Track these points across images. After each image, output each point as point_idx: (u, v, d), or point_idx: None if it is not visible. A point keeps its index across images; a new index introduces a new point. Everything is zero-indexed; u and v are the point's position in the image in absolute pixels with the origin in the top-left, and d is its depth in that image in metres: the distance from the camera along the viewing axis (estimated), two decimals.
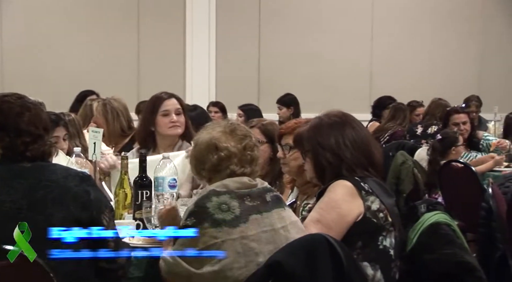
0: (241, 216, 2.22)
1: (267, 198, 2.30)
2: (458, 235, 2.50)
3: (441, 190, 4.76)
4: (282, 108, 7.06)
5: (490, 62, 8.55)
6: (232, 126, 2.35)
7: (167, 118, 3.36)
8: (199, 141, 2.35)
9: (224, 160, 2.29)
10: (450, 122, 5.44)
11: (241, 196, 2.25)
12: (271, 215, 2.27)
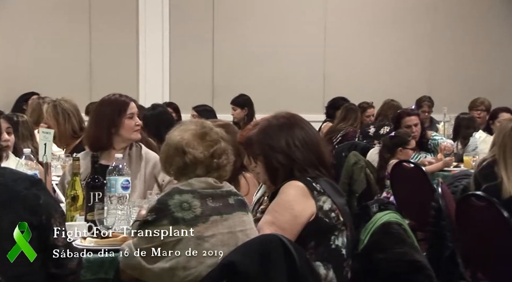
0: (201, 216, 2.23)
1: (230, 201, 2.31)
2: (409, 234, 2.54)
3: (393, 189, 4.82)
4: (236, 109, 7.06)
5: (439, 64, 8.72)
6: (204, 130, 2.34)
7: (132, 121, 3.34)
8: (169, 141, 2.35)
9: (189, 166, 2.30)
10: (402, 124, 5.50)
11: (204, 196, 2.26)
12: (232, 217, 2.28)
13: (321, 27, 8.59)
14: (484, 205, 3.15)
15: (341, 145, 6.08)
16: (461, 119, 6.21)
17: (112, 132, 3.33)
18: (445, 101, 6.80)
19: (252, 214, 2.76)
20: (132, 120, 3.33)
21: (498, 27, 8.74)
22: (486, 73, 8.71)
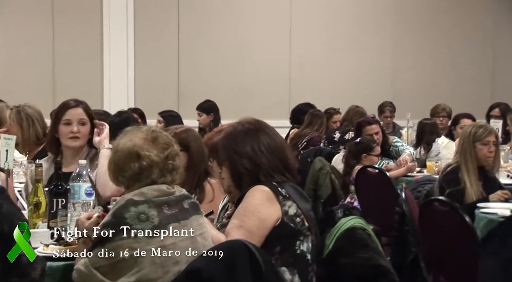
0: (160, 225, 2.20)
1: (185, 205, 2.28)
2: (373, 239, 2.56)
3: (357, 195, 4.87)
4: (202, 114, 7.04)
5: (402, 70, 8.83)
6: (154, 134, 2.31)
7: (67, 128, 3.26)
8: (119, 148, 2.30)
9: (145, 169, 2.26)
10: (363, 133, 5.56)
11: (159, 204, 2.22)
12: (189, 222, 2.26)
13: (287, 33, 8.63)
14: (447, 210, 3.20)
15: (306, 151, 6.11)
16: (424, 124, 6.29)
17: (56, 137, 3.28)
18: (408, 107, 6.89)
19: (218, 221, 2.77)
20: (68, 127, 3.25)
21: (459, 35, 8.89)
22: (447, 79, 8.85)
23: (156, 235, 2.18)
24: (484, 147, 4.04)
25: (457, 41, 8.89)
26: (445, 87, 8.72)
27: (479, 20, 8.89)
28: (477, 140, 4.03)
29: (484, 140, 4.04)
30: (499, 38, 8.95)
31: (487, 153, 4.04)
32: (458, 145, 4.13)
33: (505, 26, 8.93)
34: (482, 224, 3.41)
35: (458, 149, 4.10)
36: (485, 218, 3.45)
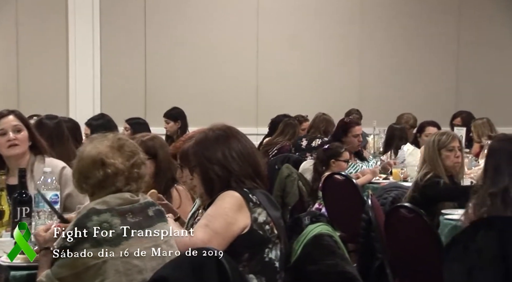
0: (123, 233, 2.18)
1: (150, 213, 2.27)
2: (340, 246, 2.58)
3: (324, 202, 4.88)
4: (169, 122, 7.00)
5: (369, 78, 8.92)
6: (120, 142, 2.30)
7: (4, 138, 3.20)
8: (84, 155, 2.27)
9: (110, 177, 2.24)
10: (349, 133, 5.61)
11: (122, 213, 2.20)
12: (154, 230, 2.24)
13: (254, 41, 8.65)
14: (412, 217, 3.23)
15: (274, 158, 6.12)
16: (393, 129, 6.35)
17: None
18: (374, 115, 6.96)
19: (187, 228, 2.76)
20: (4, 137, 3.19)
21: (424, 45, 9.01)
22: (413, 87, 8.96)
23: (120, 243, 2.16)
24: (450, 153, 4.09)
25: (422, 51, 9.01)
26: (411, 95, 8.83)
27: (444, 31, 9.03)
28: (442, 147, 4.08)
29: (449, 146, 4.10)
30: (462, 48, 9.10)
31: (454, 159, 4.10)
32: (425, 155, 4.18)
33: (468, 38, 9.08)
34: (447, 230, 3.45)
35: (426, 159, 4.14)
36: (449, 224, 3.49)
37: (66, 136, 4.03)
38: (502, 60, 9.12)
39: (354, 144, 5.67)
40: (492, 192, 2.87)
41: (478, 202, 2.91)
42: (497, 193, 2.86)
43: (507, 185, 2.86)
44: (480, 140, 6.39)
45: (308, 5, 8.84)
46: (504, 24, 9.10)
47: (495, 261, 2.50)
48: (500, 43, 9.09)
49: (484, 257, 2.53)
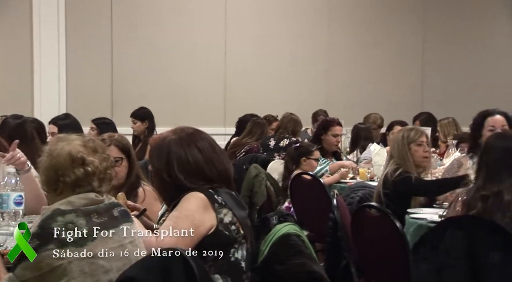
0: (89, 234, 2.16)
1: (115, 213, 2.26)
2: (307, 245, 2.58)
3: (292, 201, 4.90)
4: (136, 122, 6.95)
5: (336, 78, 8.98)
6: (92, 143, 2.29)
7: None
8: (57, 153, 2.24)
9: (89, 176, 2.23)
10: (330, 132, 5.72)
11: (87, 213, 2.19)
12: (119, 230, 2.23)
13: (222, 41, 8.64)
14: (378, 216, 3.26)
15: (242, 158, 6.11)
16: (359, 129, 6.40)
17: None
18: (342, 115, 6.99)
19: None
20: None
21: (391, 46, 9.11)
22: (380, 88, 9.05)
23: (85, 244, 2.14)
24: (419, 148, 4.13)
25: (388, 51, 9.10)
26: (378, 95, 8.91)
27: (409, 31, 9.14)
28: (411, 142, 4.12)
29: (418, 141, 4.14)
30: (427, 48, 9.21)
31: (423, 153, 4.14)
32: (393, 151, 4.20)
33: (433, 38, 9.20)
34: (412, 229, 3.48)
35: (394, 155, 4.16)
36: (415, 223, 3.52)
37: (31, 136, 3.98)
38: (467, 59, 9.26)
39: (332, 143, 5.76)
40: (484, 195, 2.86)
41: (468, 202, 2.91)
42: (490, 196, 2.85)
43: (501, 189, 2.84)
44: (446, 139, 6.47)
45: (275, 5, 8.87)
46: (469, 23, 9.23)
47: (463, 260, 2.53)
48: (465, 42, 9.23)
49: (452, 257, 2.56)
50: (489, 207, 2.83)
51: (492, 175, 2.88)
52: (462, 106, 8.54)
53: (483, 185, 2.89)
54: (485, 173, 2.90)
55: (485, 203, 2.85)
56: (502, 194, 2.82)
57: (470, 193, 2.93)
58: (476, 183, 2.93)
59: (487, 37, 9.29)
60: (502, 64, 9.38)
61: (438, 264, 2.58)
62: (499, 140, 2.99)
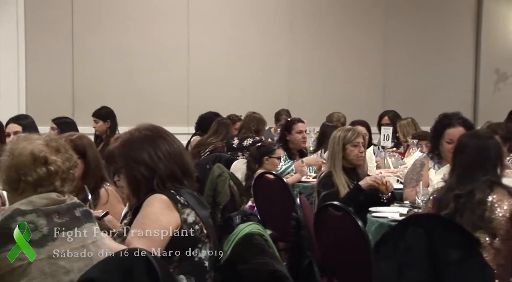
0: (49, 234, 2.14)
1: (77, 214, 2.24)
2: (270, 245, 2.60)
3: (255, 201, 4.91)
4: (98, 121, 6.87)
5: (298, 78, 9.02)
6: (54, 143, 2.27)
7: None
8: (19, 152, 2.21)
9: (52, 175, 2.20)
10: (294, 130, 5.81)
11: (48, 213, 2.17)
12: (81, 231, 2.22)
13: (185, 40, 8.61)
14: (340, 215, 3.28)
15: (205, 158, 6.10)
16: (326, 127, 6.45)
17: None
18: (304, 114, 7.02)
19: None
20: None
21: (352, 46, 9.18)
22: (342, 88, 9.11)
23: (46, 244, 2.12)
24: (355, 148, 4.23)
25: (350, 51, 9.18)
26: (340, 95, 8.98)
27: (371, 33, 9.23)
28: (347, 142, 4.22)
29: (354, 142, 4.24)
30: (389, 49, 9.32)
31: (358, 153, 4.24)
32: (329, 150, 4.29)
33: (394, 40, 9.32)
34: (373, 228, 3.52)
35: (330, 154, 4.25)
36: (376, 222, 3.56)
37: None
38: (426, 61, 9.40)
39: (298, 140, 5.84)
40: (458, 194, 2.91)
41: (440, 201, 2.95)
42: (463, 195, 2.90)
43: (474, 188, 2.88)
44: (406, 139, 6.56)
45: (238, 6, 8.87)
46: (429, 26, 9.37)
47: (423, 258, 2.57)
48: (425, 44, 9.36)
49: (413, 255, 2.59)
50: (460, 206, 2.87)
51: (466, 174, 2.93)
52: (422, 107, 8.68)
53: (457, 184, 2.93)
54: (459, 172, 2.95)
55: (457, 202, 2.89)
56: (474, 193, 2.88)
57: (442, 192, 2.98)
58: (448, 182, 2.98)
59: (446, 39, 9.44)
60: (459, 66, 9.56)
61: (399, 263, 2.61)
62: (473, 139, 3.04)
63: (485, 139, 3.02)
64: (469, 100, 9.59)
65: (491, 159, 2.95)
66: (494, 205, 2.86)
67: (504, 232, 2.86)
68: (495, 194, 2.87)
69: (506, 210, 2.86)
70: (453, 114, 4.21)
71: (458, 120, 4.13)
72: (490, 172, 2.92)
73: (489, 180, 2.91)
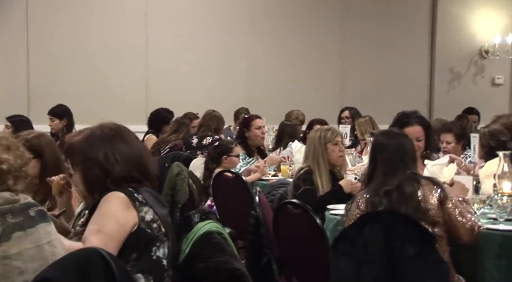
0: (3, 234, 2.10)
1: (31, 213, 2.20)
2: (229, 243, 2.60)
3: (215, 199, 4.90)
4: (54, 119, 6.78)
5: (258, 76, 9.03)
6: (6, 141, 2.23)
7: None
8: None
9: (4, 174, 2.16)
10: (252, 127, 5.82)
11: (2, 213, 2.12)
12: (36, 231, 2.18)
13: (143, 38, 8.54)
14: (299, 213, 3.30)
15: (164, 156, 6.06)
16: (285, 125, 6.47)
17: None
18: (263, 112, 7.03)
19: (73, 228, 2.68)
20: None
21: (311, 45, 9.24)
22: (301, 86, 9.17)
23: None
24: (335, 147, 4.28)
25: (309, 51, 9.24)
26: (298, 93, 9.03)
27: (329, 32, 9.30)
28: (328, 142, 4.26)
29: (334, 141, 4.29)
30: (347, 50, 9.41)
31: (338, 152, 4.28)
32: (309, 150, 4.31)
33: (352, 39, 9.41)
34: (332, 225, 3.54)
35: (310, 153, 4.27)
36: (334, 219, 3.59)
37: None
38: (384, 60, 9.52)
39: (258, 136, 5.84)
40: (388, 190, 3.00)
41: (372, 200, 3.01)
42: (392, 190, 3.00)
43: (400, 182, 3.01)
44: (364, 137, 6.64)
45: (198, 4, 8.84)
46: (386, 25, 9.49)
47: (381, 254, 2.60)
48: (382, 43, 9.48)
49: (370, 251, 2.62)
50: (394, 201, 2.96)
51: (389, 172, 3.05)
52: (379, 105, 8.79)
53: (384, 181, 3.02)
54: (385, 169, 3.06)
55: (390, 198, 2.98)
56: (403, 186, 3.00)
57: (371, 191, 3.04)
58: (374, 181, 3.05)
59: (402, 39, 9.58)
60: (415, 66, 9.71)
61: (357, 259, 2.64)
62: (389, 139, 3.17)
63: (400, 137, 3.19)
64: (424, 98, 9.75)
65: (409, 155, 3.12)
66: (425, 196, 3.01)
67: (441, 219, 3.01)
68: (422, 186, 3.03)
69: (435, 198, 3.02)
70: (411, 113, 4.28)
71: (416, 119, 4.21)
72: (410, 166, 3.09)
73: (413, 174, 3.08)
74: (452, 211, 3.02)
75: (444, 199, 3.02)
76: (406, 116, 4.26)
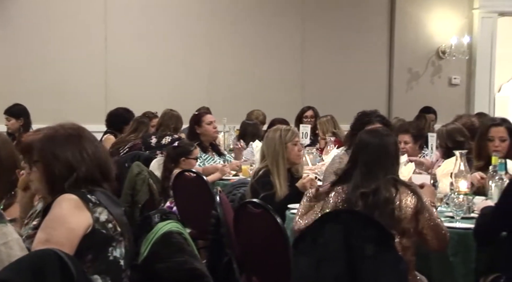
0: None
1: None
2: (189, 243, 2.58)
3: (175, 199, 4.87)
4: (10, 119, 6.67)
5: (218, 75, 9.02)
6: None
7: None
8: None
9: None
10: (204, 122, 5.79)
11: None
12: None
13: (102, 38, 8.45)
14: (260, 212, 3.30)
15: (124, 156, 6.01)
16: (247, 125, 6.46)
17: None
18: (225, 112, 7.04)
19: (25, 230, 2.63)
20: None
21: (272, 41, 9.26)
22: (262, 86, 9.18)
23: None
24: (295, 147, 4.28)
25: (269, 50, 9.25)
26: (259, 93, 9.04)
27: (290, 32, 9.33)
28: (288, 141, 4.26)
29: (294, 140, 4.30)
30: (307, 50, 9.46)
31: (297, 152, 4.29)
32: (268, 149, 4.30)
33: (312, 39, 9.46)
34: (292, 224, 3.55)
35: (270, 153, 4.27)
36: None
37: None
38: (344, 59, 9.59)
39: (210, 131, 5.80)
40: (364, 192, 2.97)
41: (348, 199, 2.99)
42: (369, 193, 2.97)
43: (378, 186, 2.96)
44: (325, 136, 6.69)
45: (158, 3, 8.78)
46: (345, 25, 9.57)
47: (340, 253, 2.62)
48: (342, 43, 9.55)
49: (330, 250, 2.64)
50: (370, 205, 2.95)
51: (369, 173, 3.00)
52: (340, 105, 8.86)
53: (361, 182, 3.00)
54: (363, 171, 3.02)
55: (366, 201, 2.96)
56: (380, 191, 2.96)
57: (349, 190, 3.03)
58: (353, 180, 3.04)
59: (361, 39, 9.66)
60: (374, 66, 9.81)
61: (317, 258, 2.65)
62: (373, 137, 3.12)
63: (384, 137, 3.12)
64: (383, 98, 9.86)
65: (391, 157, 3.07)
66: (401, 204, 2.97)
67: (412, 230, 2.99)
68: (400, 193, 2.98)
69: (411, 208, 2.98)
70: (372, 112, 4.33)
71: (376, 118, 4.26)
72: (390, 170, 3.03)
73: (393, 179, 3.02)
74: (427, 222, 2.97)
75: (421, 209, 2.98)
76: (367, 115, 4.30)
